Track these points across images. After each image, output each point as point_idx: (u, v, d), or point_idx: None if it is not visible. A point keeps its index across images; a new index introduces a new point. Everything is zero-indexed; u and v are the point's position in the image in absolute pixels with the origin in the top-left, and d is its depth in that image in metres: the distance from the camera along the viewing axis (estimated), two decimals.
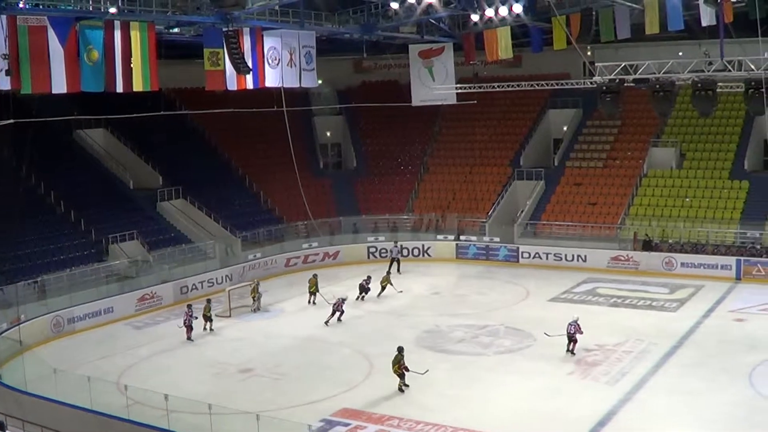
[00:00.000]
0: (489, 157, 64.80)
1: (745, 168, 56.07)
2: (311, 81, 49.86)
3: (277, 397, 31.30)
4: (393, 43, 59.54)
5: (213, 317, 41.06)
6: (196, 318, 39.79)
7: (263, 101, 50.02)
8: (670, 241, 51.99)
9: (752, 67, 39.79)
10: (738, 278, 48.51)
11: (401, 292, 46.42)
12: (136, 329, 42.10)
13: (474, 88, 55.83)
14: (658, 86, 41.35)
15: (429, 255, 56.57)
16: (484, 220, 58.15)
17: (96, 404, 28.17)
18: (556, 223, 56.39)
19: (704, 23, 45.00)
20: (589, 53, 59.95)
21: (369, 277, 45.99)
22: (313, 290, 45.31)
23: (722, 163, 56.96)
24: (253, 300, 44.76)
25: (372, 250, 56.67)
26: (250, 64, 43.45)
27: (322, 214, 58.44)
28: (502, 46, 51.80)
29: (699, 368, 33.08)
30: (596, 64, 44.13)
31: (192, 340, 39.13)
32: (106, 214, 50.51)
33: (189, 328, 39.31)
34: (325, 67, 57.46)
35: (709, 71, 41.32)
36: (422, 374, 30.61)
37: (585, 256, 52.64)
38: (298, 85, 49.02)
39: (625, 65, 42.59)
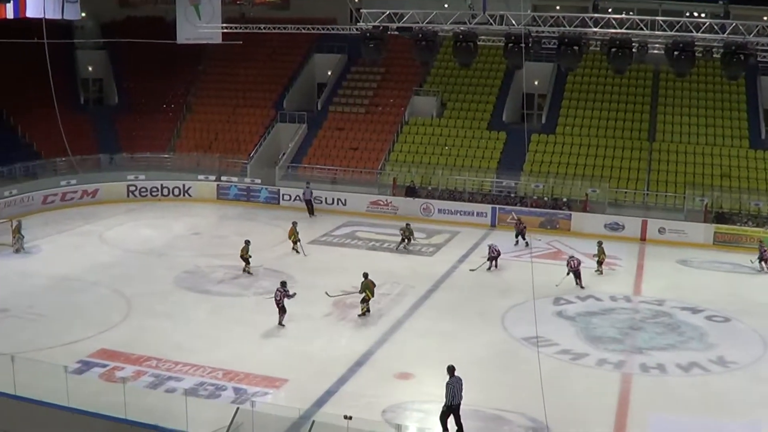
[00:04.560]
0: (253, 99, 64.06)
1: (504, 120, 58.02)
2: (74, 13, 47.63)
3: (33, 338, 29.66)
4: None
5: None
6: None
7: (23, 32, 47.50)
8: (429, 187, 53.31)
9: (513, 22, 41.05)
10: (493, 225, 50.33)
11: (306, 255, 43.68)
12: None
13: (240, 28, 55.05)
14: (420, 35, 42.05)
15: (189, 195, 55.60)
16: (246, 162, 57.76)
17: None
18: (318, 166, 56.57)
19: None
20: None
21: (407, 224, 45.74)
22: (294, 239, 43.30)
23: (481, 114, 58.71)
24: (14, 240, 42.03)
25: (132, 188, 54.94)
26: None
27: (82, 151, 55.60)
28: None
29: (453, 311, 34.14)
30: (362, 11, 44.36)
31: None
32: None
33: None
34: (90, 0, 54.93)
35: (471, 24, 42.36)
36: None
37: (345, 200, 53.21)
38: (60, 17, 46.58)
39: (389, 13, 43.01)
